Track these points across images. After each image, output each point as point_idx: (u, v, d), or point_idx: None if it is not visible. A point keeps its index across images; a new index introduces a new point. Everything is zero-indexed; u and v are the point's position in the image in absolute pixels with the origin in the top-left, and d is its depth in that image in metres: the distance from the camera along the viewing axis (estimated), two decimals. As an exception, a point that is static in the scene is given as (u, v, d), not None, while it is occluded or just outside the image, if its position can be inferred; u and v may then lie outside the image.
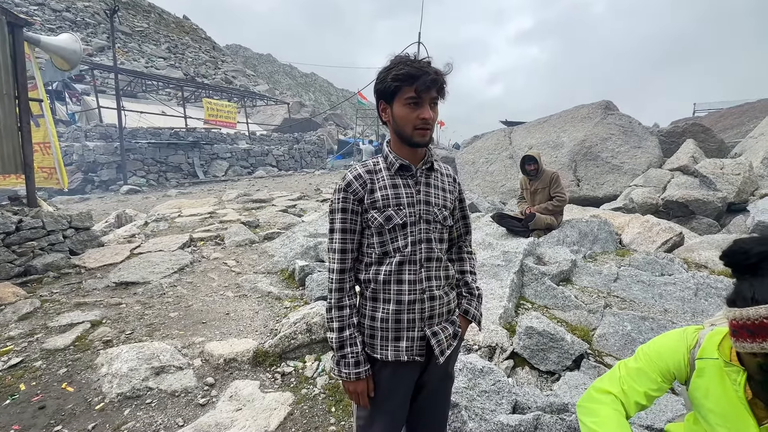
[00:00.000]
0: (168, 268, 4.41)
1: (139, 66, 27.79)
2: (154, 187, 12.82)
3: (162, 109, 18.17)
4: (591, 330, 2.48)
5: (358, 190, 1.19)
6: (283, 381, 2.53)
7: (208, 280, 4.23)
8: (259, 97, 25.40)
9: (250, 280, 4.15)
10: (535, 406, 1.88)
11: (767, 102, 11.31)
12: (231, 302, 3.69)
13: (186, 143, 14.54)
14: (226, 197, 9.56)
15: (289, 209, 8.03)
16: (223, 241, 5.61)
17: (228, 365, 2.60)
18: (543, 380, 2.19)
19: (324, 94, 67.30)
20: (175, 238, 5.53)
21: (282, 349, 2.75)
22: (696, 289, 2.79)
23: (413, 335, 1.20)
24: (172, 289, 3.94)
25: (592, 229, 4.03)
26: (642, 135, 7.67)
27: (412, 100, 1.11)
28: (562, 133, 8.16)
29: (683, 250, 3.90)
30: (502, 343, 2.40)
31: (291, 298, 3.73)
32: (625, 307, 2.70)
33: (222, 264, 4.74)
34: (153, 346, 2.72)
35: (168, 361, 2.56)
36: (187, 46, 39.12)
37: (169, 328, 3.17)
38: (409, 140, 1.16)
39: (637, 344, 2.26)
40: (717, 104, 19.87)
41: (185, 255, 4.85)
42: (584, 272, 3.20)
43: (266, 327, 3.20)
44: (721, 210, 5.66)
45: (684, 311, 2.64)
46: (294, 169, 19.26)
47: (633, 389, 1.12)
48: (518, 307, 2.84)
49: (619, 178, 7.08)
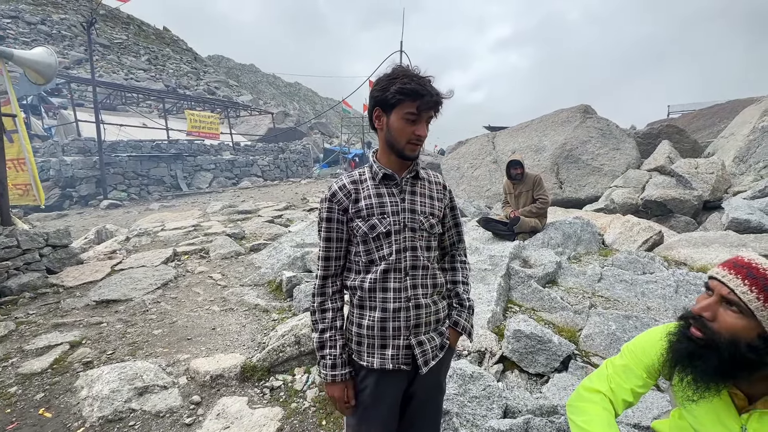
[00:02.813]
0: (151, 283, 4.30)
1: (118, 78, 27.32)
2: (136, 201, 12.54)
3: (143, 121, 17.84)
4: (577, 331, 2.51)
5: (343, 200, 1.21)
6: (271, 396, 2.49)
7: (193, 295, 4.14)
8: (242, 107, 25.23)
9: (237, 293, 4.08)
10: (526, 409, 1.89)
11: (736, 103, 11.81)
12: (217, 317, 3.62)
13: (168, 155, 14.29)
14: (211, 209, 9.41)
15: (276, 220, 7.96)
16: (208, 254, 5.51)
17: (215, 382, 2.54)
18: (532, 383, 2.21)
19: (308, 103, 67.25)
20: (158, 252, 5.41)
21: (270, 362, 2.70)
22: (676, 286, 2.86)
23: (399, 343, 1.20)
24: (156, 306, 3.84)
25: (576, 231, 4.11)
26: (620, 137, 7.89)
27: (412, 116, 1.13)
28: (543, 137, 8.33)
29: (663, 248, 4.00)
30: (492, 348, 2.41)
31: (279, 309, 3.68)
32: (609, 307, 2.75)
33: (207, 278, 4.65)
34: (136, 365, 2.64)
35: (152, 381, 2.49)
36: (168, 58, 38.69)
37: (153, 346, 3.09)
38: (400, 152, 1.19)
39: (622, 343, 2.29)
40: (690, 106, 20.63)
41: (169, 270, 4.74)
42: (569, 273, 3.25)
43: (254, 340, 3.15)
44: (698, 208, 5.85)
45: (666, 308, 2.70)
46: (280, 179, 19.11)
47: (620, 387, 1.14)
48: (506, 311, 2.86)
49: (600, 179, 7.26)
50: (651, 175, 6.54)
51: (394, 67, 1.17)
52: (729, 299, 0.93)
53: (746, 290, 0.90)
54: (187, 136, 16.43)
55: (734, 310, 0.92)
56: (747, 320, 0.90)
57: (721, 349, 0.92)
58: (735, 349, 0.91)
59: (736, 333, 0.91)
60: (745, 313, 0.90)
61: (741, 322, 0.91)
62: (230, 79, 47.29)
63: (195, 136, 16.57)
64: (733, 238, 3.72)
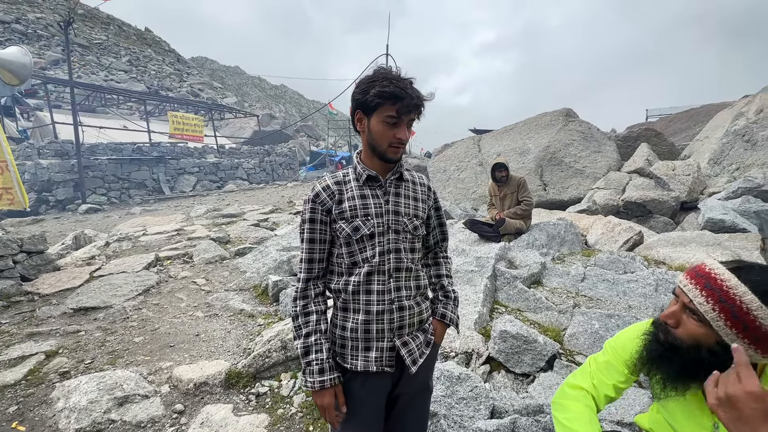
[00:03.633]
0: (132, 290, 4.19)
1: (97, 79, 26.63)
2: (116, 205, 12.22)
3: (123, 123, 17.44)
4: (562, 330, 2.55)
5: (326, 201, 1.19)
6: (257, 402, 2.44)
7: (176, 301, 4.05)
8: (227, 109, 24.92)
9: (222, 299, 4.01)
10: (512, 409, 1.90)
11: (710, 107, 12.25)
12: (201, 323, 3.55)
13: (150, 158, 14.00)
14: (195, 213, 9.24)
15: (261, 223, 7.86)
16: (192, 259, 5.40)
17: (198, 390, 2.48)
18: (518, 383, 2.23)
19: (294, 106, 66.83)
20: (140, 258, 5.28)
21: (256, 368, 2.65)
22: (656, 285, 2.94)
23: (383, 345, 1.20)
24: (137, 313, 3.74)
25: (560, 232, 4.18)
26: (601, 140, 8.09)
27: (391, 119, 1.12)
28: (527, 140, 8.47)
29: (643, 248, 4.11)
30: (478, 349, 2.43)
31: (265, 314, 3.62)
32: (592, 306, 2.80)
33: (191, 283, 4.55)
34: (116, 374, 2.56)
35: (132, 390, 2.41)
36: (149, 59, 37.92)
37: (134, 354, 3.00)
38: (382, 155, 1.18)
39: (605, 341, 2.35)
40: (667, 110, 21.31)
41: (151, 275, 4.63)
42: (553, 274, 3.31)
43: (239, 346, 3.09)
44: (675, 209, 6.03)
45: (646, 306, 2.77)
46: (266, 182, 18.92)
47: (602, 383, 1.17)
48: (492, 312, 2.88)
49: (582, 181, 7.42)
50: (631, 177, 6.72)
51: (375, 70, 1.16)
52: (689, 308, 0.96)
53: (703, 301, 0.92)
54: (169, 138, 16.13)
55: (695, 318, 0.95)
56: (706, 328, 0.92)
57: (682, 353, 0.96)
58: (697, 353, 0.94)
59: (698, 339, 0.94)
60: (704, 322, 0.93)
61: (701, 330, 0.93)
62: (214, 81, 46.64)
63: (178, 138, 16.28)
64: (709, 237, 3.84)
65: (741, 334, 0.89)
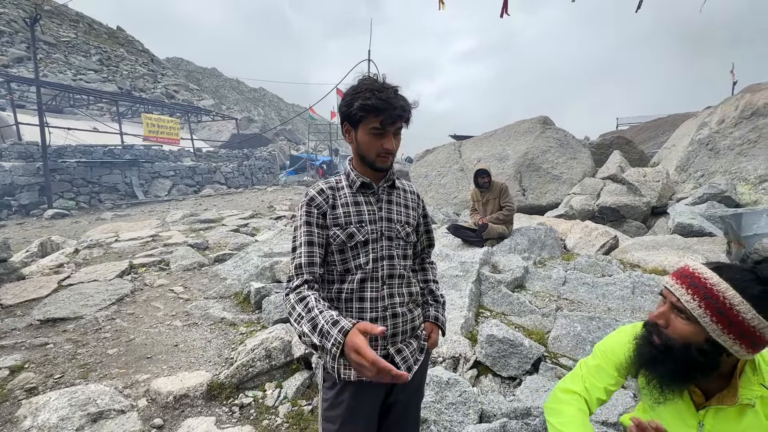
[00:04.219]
0: (104, 299, 4.00)
1: (65, 78, 25.48)
2: (86, 210, 11.68)
3: (93, 125, 16.74)
4: (546, 333, 2.61)
5: (322, 204, 1.18)
6: (241, 414, 2.37)
7: (153, 310, 3.89)
8: (204, 112, 24.32)
9: (201, 307, 3.88)
10: (500, 413, 1.92)
11: (676, 117, 12.92)
12: (180, 332, 3.42)
13: (123, 161, 13.47)
14: (171, 218, 8.94)
15: (241, 228, 7.69)
16: (169, 266, 5.21)
17: (179, 402, 2.39)
18: (505, 386, 2.25)
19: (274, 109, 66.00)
20: (112, 265, 5.05)
21: (239, 378, 2.58)
22: (633, 287, 3.05)
23: (377, 354, 1.18)
24: (110, 323, 3.57)
25: (540, 236, 4.29)
26: (576, 147, 8.38)
27: (377, 130, 1.11)
28: (507, 146, 8.68)
29: (619, 251, 4.26)
30: (465, 353, 2.44)
31: (247, 323, 3.53)
32: (574, 309, 2.88)
33: (168, 291, 4.39)
34: (89, 389, 2.42)
35: (107, 405, 2.30)
36: (121, 59, 36.62)
37: (108, 367, 2.86)
38: (372, 165, 1.18)
39: (587, 343, 2.41)
40: (636, 118, 22.30)
41: (125, 283, 4.44)
42: (536, 277, 3.38)
43: (221, 356, 3.00)
44: (647, 213, 6.30)
45: (624, 308, 2.87)
46: (245, 186, 18.55)
47: (594, 386, 1.19)
48: (478, 316, 2.91)
49: (560, 187, 7.65)
50: (605, 182, 6.98)
51: (359, 80, 1.15)
52: (677, 307, 1.00)
53: (689, 299, 0.97)
54: (143, 141, 15.60)
55: (683, 317, 0.99)
56: (694, 326, 0.97)
57: (675, 353, 0.99)
58: (688, 352, 0.98)
59: (687, 338, 0.98)
60: (692, 320, 0.97)
61: (689, 328, 0.98)
62: (190, 82, 45.50)
63: (153, 141, 15.77)
64: (680, 241, 4.03)
65: (726, 329, 0.93)
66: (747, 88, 7.72)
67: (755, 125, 6.95)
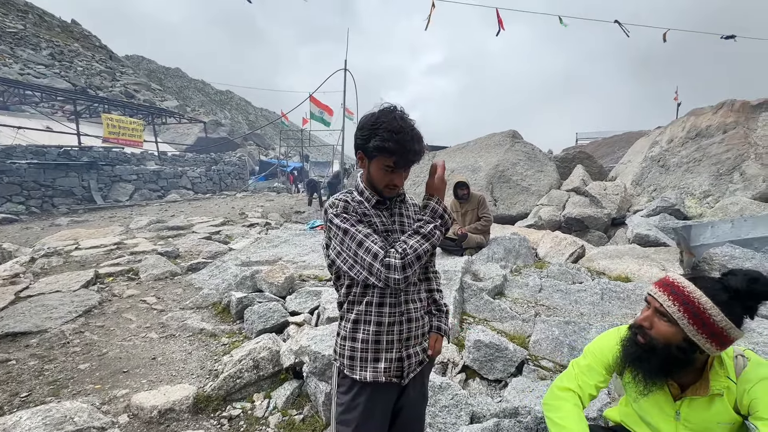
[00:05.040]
0: (70, 311, 3.77)
1: (11, 72, 23.64)
2: (37, 215, 10.85)
3: (46, 124, 15.65)
4: (527, 337, 2.76)
5: (356, 208, 1.23)
6: (230, 426, 2.34)
7: (125, 322, 3.72)
8: (169, 113, 23.36)
9: (177, 318, 3.75)
10: (490, 413, 2.03)
11: (630, 135, 13.97)
12: (156, 345, 3.30)
13: (80, 164, 12.66)
14: (135, 225, 8.52)
15: (213, 236, 7.47)
16: (138, 276, 4.99)
17: (164, 417, 2.31)
18: (492, 388, 2.37)
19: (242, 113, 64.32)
20: (76, 275, 4.76)
21: (227, 390, 2.54)
22: (602, 293, 3.30)
23: (391, 356, 1.26)
24: (79, 337, 3.37)
25: (515, 246, 4.51)
26: (543, 160, 8.86)
27: (389, 168, 1.20)
28: (479, 158, 9.02)
29: (585, 260, 4.57)
30: (453, 358, 2.55)
31: (229, 333, 3.46)
32: (551, 314, 3.06)
33: (139, 302, 4.21)
34: (63, 406, 2.29)
35: (86, 423, 2.18)
36: (76, 54, 34.47)
37: (80, 383, 2.71)
38: (379, 193, 1.28)
39: (564, 346, 2.59)
40: (593, 134, 23.77)
41: (91, 294, 4.20)
42: (514, 285, 3.56)
43: (203, 368, 2.93)
44: (608, 224, 6.77)
45: (595, 313, 3.09)
46: (213, 192, 17.95)
47: (586, 383, 1.33)
48: (462, 322, 3.03)
49: (528, 198, 8.04)
50: (569, 194, 7.43)
51: (379, 114, 1.17)
52: (660, 311, 1.17)
53: (670, 304, 1.14)
54: (103, 142, 14.75)
55: (665, 320, 1.16)
56: (674, 327, 1.14)
57: (658, 351, 1.16)
58: (668, 350, 1.15)
59: (668, 338, 1.15)
60: (672, 322, 1.14)
61: (670, 329, 1.15)
62: (152, 82, 43.55)
63: (113, 143, 14.95)
64: (639, 251, 4.39)
65: (700, 330, 1.10)
66: (692, 112, 8.53)
67: (699, 145, 7.69)
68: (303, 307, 3.47)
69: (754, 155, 6.82)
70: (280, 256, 5.24)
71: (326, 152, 43.22)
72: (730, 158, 7.07)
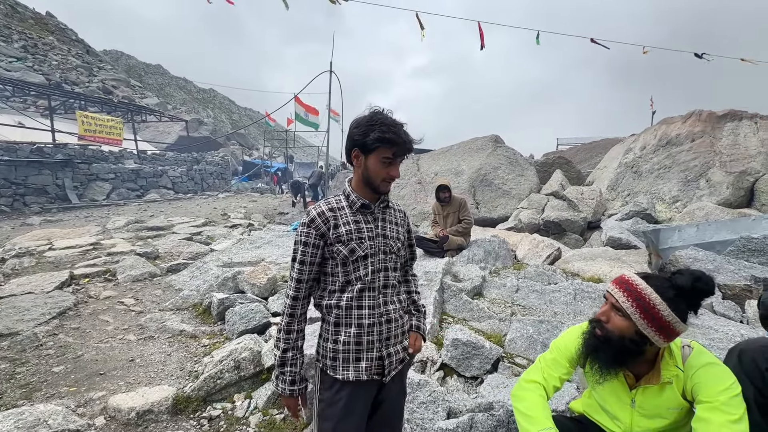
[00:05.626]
0: (43, 313, 3.68)
1: (-19, 65, 22.66)
2: (7, 215, 10.44)
3: (19, 119, 15.06)
4: (503, 336, 2.86)
5: (321, 226, 1.29)
6: (210, 426, 2.34)
7: (101, 324, 3.65)
8: (149, 111, 22.78)
9: (156, 319, 3.71)
10: (466, 408, 2.11)
11: (607, 141, 14.46)
12: (135, 346, 3.26)
13: (54, 162, 12.24)
14: (113, 225, 8.31)
15: (195, 237, 7.36)
16: (116, 277, 4.89)
17: (142, 419, 2.30)
18: (469, 385, 2.45)
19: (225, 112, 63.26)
20: (49, 276, 4.64)
21: (207, 391, 2.54)
22: (574, 293, 3.44)
23: (372, 356, 1.32)
24: (53, 339, 3.30)
25: (494, 248, 4.64)
26: (524, 165, 9.09)
27: (387, 160, 1.27)
28: (462, 162, 9.19)
29: (561, 261, 4.73)
30: (432, 356, 2.62)
31: (209, 334, 3.44)
32: (526, 314, 3.18)
33: (117, 303, 4.13)
34: (37, 410, 2.25)
35: (61, 426, 2.15)
36: (51, 47, 33.25)
37: (54, 385, 2.66)
38: (376, 189, 1.33)
39: (538, 344, 2.70)
40: (573, 139, 24.45)
41: (66, 296, 4.10)
42: (492, 286, 3.68)
43: (183, 369, 2.91)
44: (584, 227, 7.01)
45: (568, 312, 3.23)
46: (194, 192, 17.61)
47: (551, 376, 1.42)
48: (442, 322, 3.11)
49: (509, 201, 8.24)
50: (548, 198, 7.66)
51: (372, 113, 1.28)
52: (616, 306, 1.28)
53: (624, 300, 1.25)
54: (79, 140, 14.30)
55: (620, 315, 1.27)
56: (627, 321, 1.25)
57: (613, 343, 1.27)
58: (622, 342, 1.26)
59: (622, 330, 1.26)
60: (626, 316, 1.25)
61: (624, 323, 1.26)
62: (132, 78, 42.41)
63: (90, 140, 14.51)
64: (611, 253, 4.58)
65: (650, 324, 1.21)
66: (663, 120, 8.92)
67: (669, 153, 8.05)
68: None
69: (719, 163, 7.19)
70: (262, 257, 5.22)
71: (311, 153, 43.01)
72: (697, 165, 7.43)
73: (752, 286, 3.36)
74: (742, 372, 1.30)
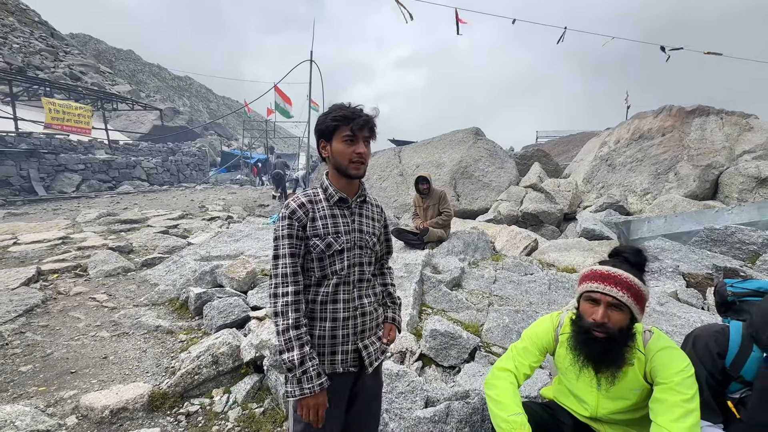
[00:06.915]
0: (8, 311, 3.53)
1: (-67, 48, 21.10)
2: (-34, 207, 9.89)
3: (-24, 106, 14.20)
4: (480, 326, 2.93)
5: (302, 218, 1.29)
6: (188, 422, 2.32)
7: (72, 321, 3.54)
8: (120, 99, 21.83)
9: (131, 315, 3.62)
10: (443, 397, 2.16)
11: (584, 135, 14.83)
12: (108, 343, 3.17)
13: (18, 152, 11.62)
14: (83, 218, 7.99)
15: (171, 230, 7.17)
16: (87, 272, 4.73)
17: (116, 417, 2.26)
18: (447, 374, 2.51)
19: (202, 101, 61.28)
20: (14, 272, 4.44)
21: (184, 387, 2.51)
22: (549, 284, 3.55)
23: (347, 348, 1.33)
24: (19, 337, 3.18)
25: (474, 240, 4.72)
26: (503, 158, 9.23)
27: (349, 137, 1.27)
28: (443, 154, 9.24)
29: (538, 252, 4.86)
30: (411, 347, 2.66)
31: (186, 330, 3.39)
32: (503, 304, 3.26)
33: (88, 299, 4.00)
34: (2, 411, 2.18)
35: (29, 426, 2.09)
36: (12, 29, 31.28)
37: (22, 385, 2.57)
38: (346, 172, 1.31)
39: (513, 333, 2.78)
40: (552, 132, 24.97)
41: (33, 293, 3.95)
42: (471, 277, 3.75)
43: (159, 366, 2.86)
44: (560, 219, 7.20)
45: (542, 302, 3.33)
46: (170, 184, 17.10)
47: (522, 364, 1.48)
48: (421, 313, 3.16)
49: (489, 193, 8.37)
50: (527, 191, 7.81)
51: (330, 106, 1.33)
52: (613, 304, 1.31)
53: (622, 294, 1.29)
54: (45, 128, 13.60)
55: (617, 310, 1.31)
56: (623, 313, 1.31)
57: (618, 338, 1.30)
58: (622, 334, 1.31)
59: (621, 323, 1.31)
60: (624, 309, 1.30)
61: (622, 316, 1.31)
62: (101, 63, 40.44)
63: (57, 129, 13.82)
64: (585, 244, 4.73)
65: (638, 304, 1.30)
66: (636, 115, 9.20)
67: (641, 146, 8.33)
68: (265, 302, 3.46)
69: (687, 157, 7.49)
70: (241, 250, 5.15)
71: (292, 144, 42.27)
72: (666, 159, 7.73)
73: (713, 275, 3.55)
74: (696, 356, 1.38)
